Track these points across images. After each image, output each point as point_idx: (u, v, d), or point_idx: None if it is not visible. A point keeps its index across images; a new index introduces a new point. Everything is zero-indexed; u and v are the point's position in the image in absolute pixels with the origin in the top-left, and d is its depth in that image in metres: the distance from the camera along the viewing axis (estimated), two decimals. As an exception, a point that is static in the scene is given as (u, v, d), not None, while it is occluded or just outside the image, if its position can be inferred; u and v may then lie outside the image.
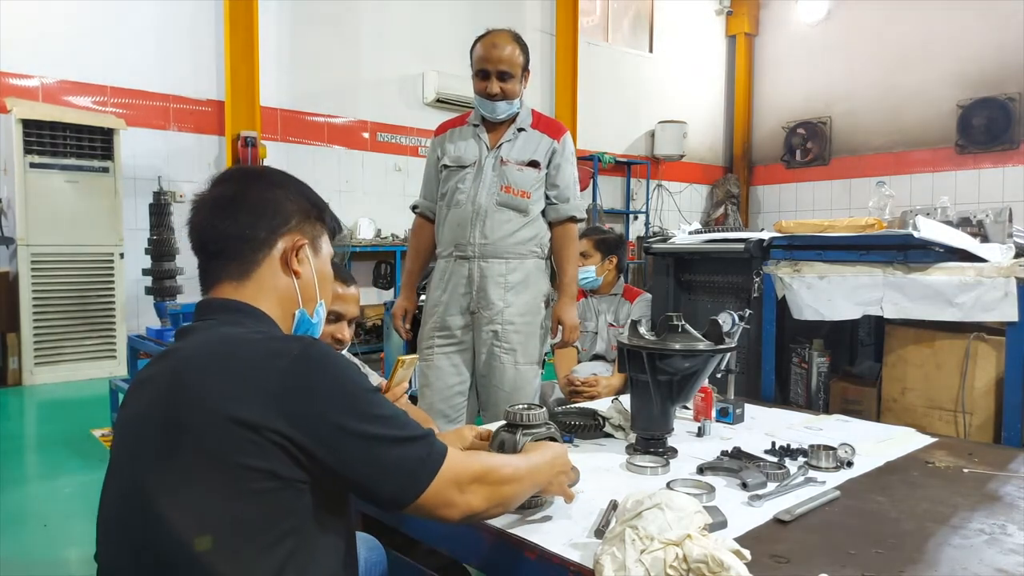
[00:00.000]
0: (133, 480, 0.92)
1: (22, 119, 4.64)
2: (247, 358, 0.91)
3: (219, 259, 1.05)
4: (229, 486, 0.85)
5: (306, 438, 0.87)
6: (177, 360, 0.95)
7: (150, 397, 0.94)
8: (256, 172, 1.14)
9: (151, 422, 0.92)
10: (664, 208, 9.61)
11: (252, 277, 1.04)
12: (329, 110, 6.54)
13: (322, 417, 0.88)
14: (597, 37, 9.02)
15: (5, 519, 2.66)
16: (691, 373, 1.59)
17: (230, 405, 0.86)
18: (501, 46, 2.32)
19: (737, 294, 2.91)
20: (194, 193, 1.09)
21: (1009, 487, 1.46)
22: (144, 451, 0.92)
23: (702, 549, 0.96)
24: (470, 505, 0.98)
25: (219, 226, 1.04)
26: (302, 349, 0.92)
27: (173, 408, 0.89)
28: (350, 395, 0.91)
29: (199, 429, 0.87)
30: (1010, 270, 2.15)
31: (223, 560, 0.85)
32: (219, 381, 0.89)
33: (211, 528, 0.85)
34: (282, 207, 1.07)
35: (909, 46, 8.63)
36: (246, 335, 0.96)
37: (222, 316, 1.01)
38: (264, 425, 0.85)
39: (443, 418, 2.40)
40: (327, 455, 0.88)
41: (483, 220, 2.37)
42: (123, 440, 0.99)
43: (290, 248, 1.07)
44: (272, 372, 0.89)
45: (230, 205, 1.05)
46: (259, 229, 1.05)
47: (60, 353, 4.83)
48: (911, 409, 2.39)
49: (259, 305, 1.04)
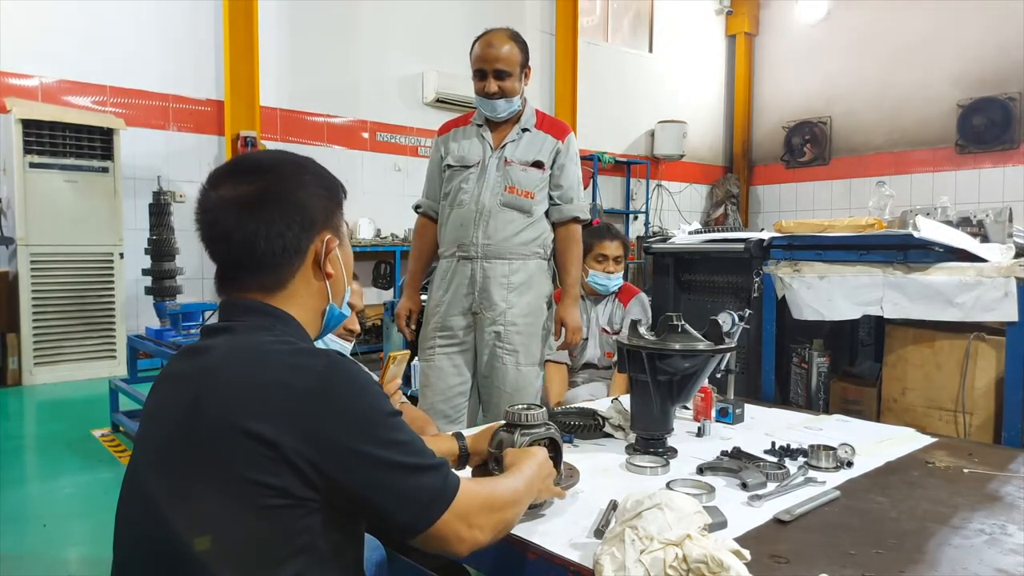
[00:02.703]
0: (149, 481, 0.92)
1: (22, 119, 4.64)
2: (272, 372, 0.89)
3: (247, 269, 1.00)
4: (242, 500, 0.84)
5: (321, 459, 0.86)
6: (206, 364, 0.93)
7: (175, 399, 0.93)
8: (277, 166, 1.03)
9: (172, 425, 0.91)
10: (664, 208, 9.61)
11: (287, 287, 1.01)
12: (329, 110, 6.54)
13: (340, 439, 0.87)
14: (597, 37, 9.02)
15: (5, 519, 2.66)
16: (691, 373, 1.59)
17: (250, 420, 0.85)
18: (497, 45, 2.32)
19: (737, 294, 2.91)
20: (205, 185, 1.00)
21: (1009, 487, 1.46)
22: (163, 454, 0.92)
23: (702, 549, 0.96)
24: (476, 540, 0.97)
25: (247, 232, 0.97)
26: (326, 367, 0.90)
27: (196, 416, 0.88)
28: (370, 418, 0.90)
29: (217, 440, 0.86)
30: (1010, 270, 2.15)
31: (231, 574, 0.85)
32: (242, 394, 0.87)
33: (221, 540, 0.84)
34: (310, 207, 1.01)
35: (909, 46, 8.63)
36: (273, 346, 0.94)
37: (250, 319, 0.98)
38: (281, 442, 0.84)
39: (444, 418, 2.39)
40: (342, 477, 0.87)
41: (486, 220, 2.37)
42: (145, 437, 0.98)
43: (321, 250, 1.02)
44: (294, 390, 0.87)
45: (257, 208, 0.98)
46: (290, 237, 0.99)
47: (60, 353, 4.83)
48: (911, 409, 2.39)
49: (288, 309, 1.01)
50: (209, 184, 1.01)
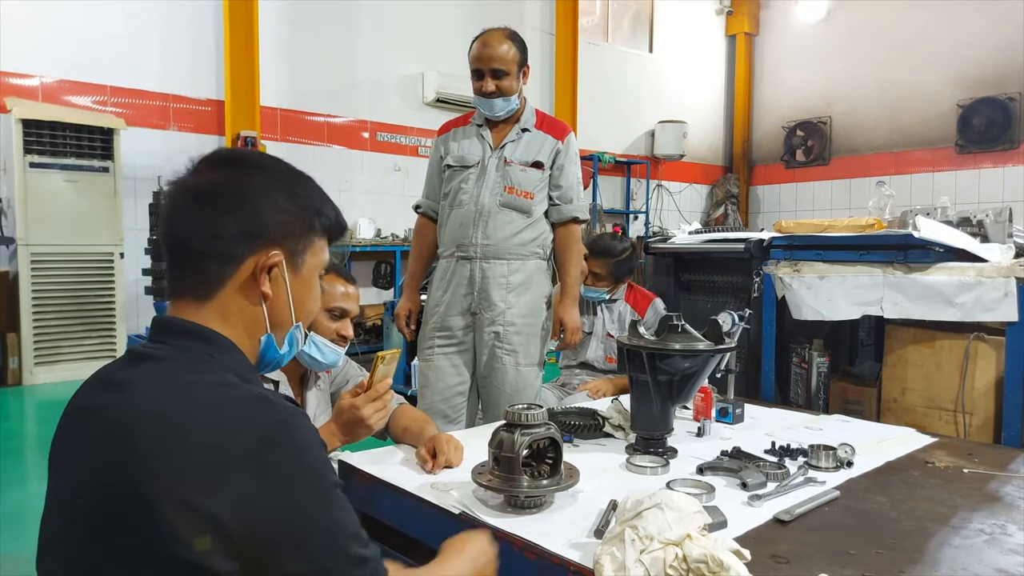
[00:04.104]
0: (56, 550, 0.85)
1: (22, 119, 4.63)
2: (207, 429, 0.80)
3: (178, 266, 0.93)
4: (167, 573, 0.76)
5: (250, 530, 0.78)
6: (125, 407, 0.83)
7: (86, 447, 0.84)
8: (250, 165, 0.96)
9: (80, 482, 0.82)
10: (664, 208, 9.61)
11: (215, 297, 0.91)
12: (329, 110, 6.54)
13: (274, 510, 0.79)
14: (597, 37, 9.02)
15: (5, 519, 2.66)
16: (691, 373, 1.59)
17: (180, 485, 0.76)
18: (493, 45, 2.32)
19: (737, 294, 2.92)
20: (174, 177, 0.95)
21: (1009, 487, 1.46)
22: (70, 516, 0.83)
23: (702, 549, 0.96)
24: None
25: (188, 223, 0.91)
26: (267, 428, 0.81)
27: (107, 474, 0.79)
28: (319, 490, 0.83)
29: (129, 508, 0.77)
30: (1010, 270, 2.15)
31: None
32: (167, 454, 0.78)
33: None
34: (263, 215, 0.92)
35: (909, 46, 8.63)
36: (207, 391, 0.84)
37: (182, 343, 0.89)
38: (209, 511, 0.76)
39: (443, 418, 2.39)
40: (270, 551, 0.79)
41: (486, 221, 2.37)
42: (60, 488, 0.88)
43: (261, 266, 0.91)
44: (228, 451, 0.78)
45: (205, 200, 0.91)
46: (225, 239, 0.90)
47: (60, 353, 4.82)
48: (911, 409, 2.39)
49: (223, 330, 0.91)
50: (186, 169, 0.95)
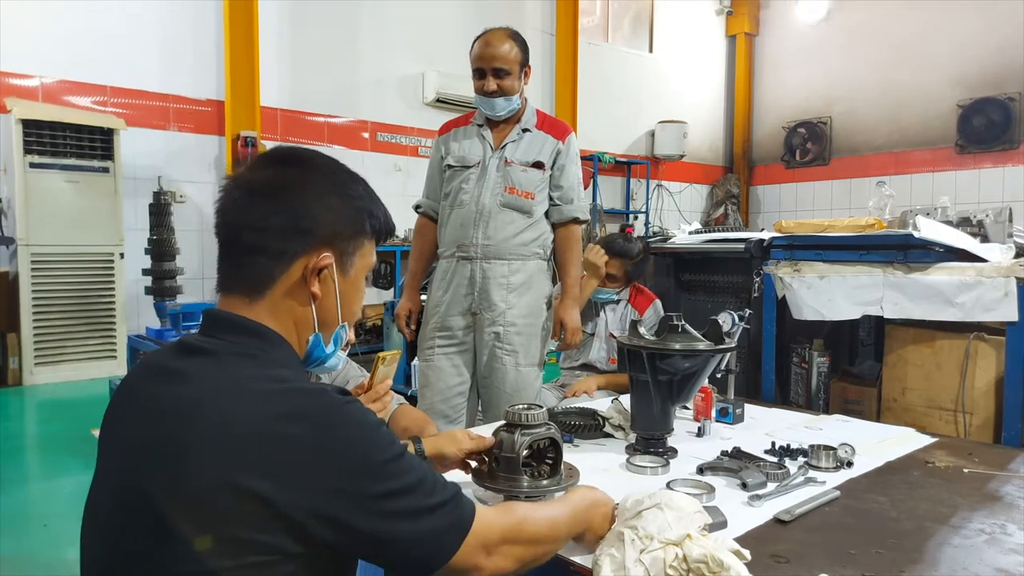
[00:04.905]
0: (115, 528, 0.88)
1: (22, 119, 4.63)
2: (261, 419, 0.81)
3: (230, 261, 0.94)
4: (224, 559, 0.79)
5: (319, 514, 0.80)
6: (184, 399, 0.84)
7: (147, 436, 0.85)
8: (308, 165, 0.97)
9: (145, 469, 0.84)
10: (664, 208, 9.60)
11: (265, 296, 0.93)
12: (329, 110, 6.54)
13: (338, 492, 0.81)
14: (597, 37, 9.02)
15: (5, 519, 2.66)
16: (691, 373, 1.59)
17: (239, 473, 0.78)
18: (495, 44, 2.33)
19: (737, 294, 2.92)
20: (230, 176, 0.97)
21: (1009, 487, 1.46)
22: (131, 500, 0.85)
23: (702, 549, 0.96)
24: (498, 567, 0.92)
25: (241, 217, 0.92)
26: (322, 412, 0.83)
27: (175, 464, 0.81)
28: (374, 467, 0.83)
29: (203, 495, 0.79)
30: (1010, 270, 2.15)
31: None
32: (230, 443, 0.80)
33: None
34: (316, 215, 0.93)
35: (909, 46, 8.63)
36: (261, 384, 0.85)
37: (231, 337, 0.91)
38: (274, 498, 0.78)
39: (443, 418, 2.39)
40: (341, 532, 0.82)
41: (486, 221, 2.37)
42: (110, 472, 0.91)
43: (312, 267, 0.94)
44: (287, 439, 0.80)
45: (259, 195, 0.92)
46: (276, 236, 0.92)
47: (60, 353, 4.82)
48: (911, 409, 2.39)
49: (273, 326, 0.93)
50: (244, 165, 0.97)
